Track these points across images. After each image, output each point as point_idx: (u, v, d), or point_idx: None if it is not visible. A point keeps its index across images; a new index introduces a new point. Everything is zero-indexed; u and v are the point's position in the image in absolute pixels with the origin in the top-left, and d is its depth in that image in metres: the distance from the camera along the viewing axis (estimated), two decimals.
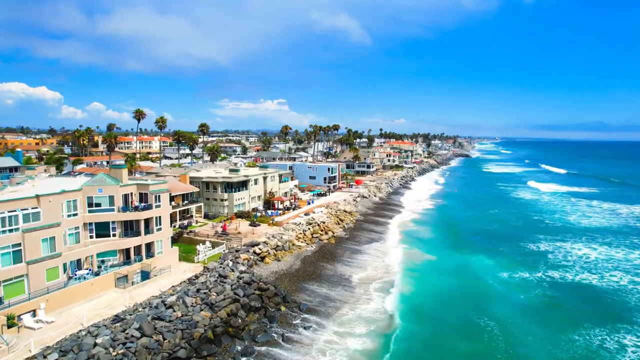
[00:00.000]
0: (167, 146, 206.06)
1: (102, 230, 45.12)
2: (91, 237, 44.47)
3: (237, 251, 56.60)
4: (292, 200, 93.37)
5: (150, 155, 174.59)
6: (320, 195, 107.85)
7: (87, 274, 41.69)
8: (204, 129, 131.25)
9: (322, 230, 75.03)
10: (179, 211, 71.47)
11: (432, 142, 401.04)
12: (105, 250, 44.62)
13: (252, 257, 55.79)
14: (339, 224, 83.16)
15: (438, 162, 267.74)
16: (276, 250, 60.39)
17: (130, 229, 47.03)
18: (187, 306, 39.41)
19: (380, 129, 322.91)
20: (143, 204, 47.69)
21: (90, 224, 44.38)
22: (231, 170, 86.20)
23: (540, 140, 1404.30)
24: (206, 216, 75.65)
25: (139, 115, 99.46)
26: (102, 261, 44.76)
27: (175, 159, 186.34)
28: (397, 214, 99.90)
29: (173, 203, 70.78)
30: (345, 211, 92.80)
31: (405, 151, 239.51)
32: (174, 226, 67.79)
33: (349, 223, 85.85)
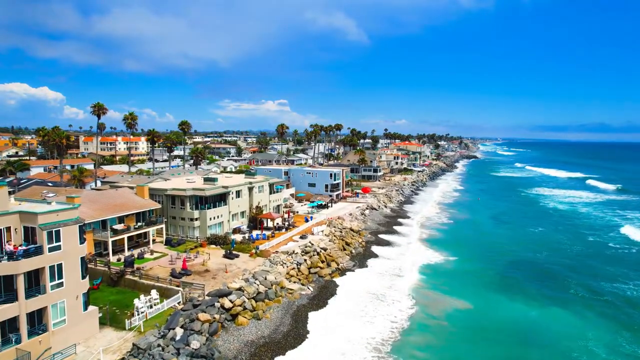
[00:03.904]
0: (156, 147, 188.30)
1: None
2: None
3: (195, 306, 37.73)
4: (286, 216, 74.57)
5: (133, 158, 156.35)
6: (321, 207, 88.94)
7: None
8: (184, 128, 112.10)
9: (322, 262, 56.16)
10: (129, 237, 52.67)
11: (439, 143, 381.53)
12: None
13: (217, 316, 37.01)
14: (344, 249, 64.34)
15: (448, 165, 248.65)
16: (256, 301, 41.57)
17: (4, 289, 28.26)
18: None
19: (385, 129, 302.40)
20: (26, 247, 28.88)
21: None
22: (206, 180, 67.33)
23: (542, 141, 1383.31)
24: (168, 242, 56.63)
25: (98, 111, 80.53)
26: None
27: (163, 161, 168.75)
28: (412, 231, 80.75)
29: (122, 226, 52.09)
30: (352, 230, 73.87)
31: (413, 153, 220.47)
32: (118, 259, 49.01)
33: (357, 247, 67.08)
